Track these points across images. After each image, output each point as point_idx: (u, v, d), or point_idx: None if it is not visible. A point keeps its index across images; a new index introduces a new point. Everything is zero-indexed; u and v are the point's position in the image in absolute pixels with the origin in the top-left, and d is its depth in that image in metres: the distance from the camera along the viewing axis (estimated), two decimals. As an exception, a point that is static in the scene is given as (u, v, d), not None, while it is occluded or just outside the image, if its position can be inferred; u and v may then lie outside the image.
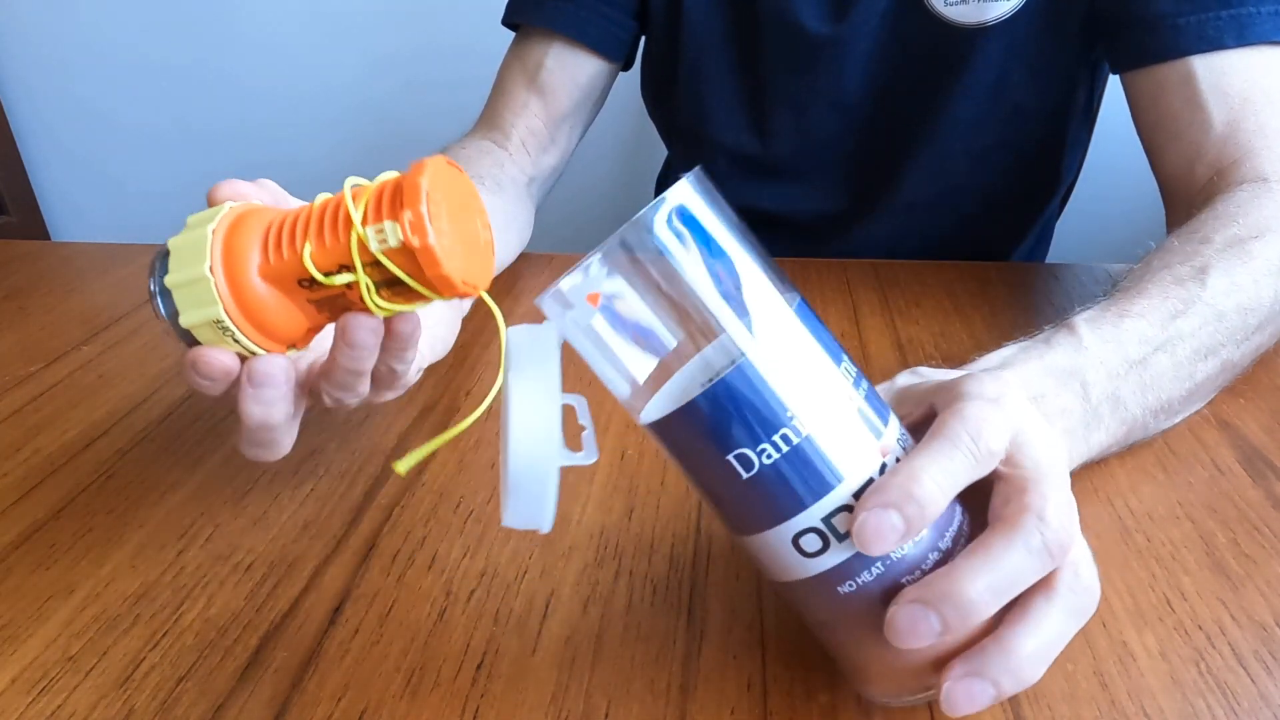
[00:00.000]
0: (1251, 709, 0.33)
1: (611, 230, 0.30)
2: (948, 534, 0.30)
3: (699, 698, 0.34)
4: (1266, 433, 0.48)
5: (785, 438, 0.28)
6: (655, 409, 0.29)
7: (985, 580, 0.28)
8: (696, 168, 0.29)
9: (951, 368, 0.38)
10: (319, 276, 0.32)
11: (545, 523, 0.29)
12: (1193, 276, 0.46)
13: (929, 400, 0.33)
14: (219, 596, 0.39)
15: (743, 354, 0.28)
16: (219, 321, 0.33)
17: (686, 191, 0.28)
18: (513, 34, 0.80)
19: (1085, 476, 0.45)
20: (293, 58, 1.49)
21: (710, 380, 0.28)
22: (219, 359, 0.34)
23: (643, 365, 0.29)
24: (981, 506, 0.31)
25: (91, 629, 0.38)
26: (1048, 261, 0.88)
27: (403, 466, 0.31)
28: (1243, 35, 0.58)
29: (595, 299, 0.28)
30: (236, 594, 0.39)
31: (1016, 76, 0.71)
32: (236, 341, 0.34)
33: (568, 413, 0.30)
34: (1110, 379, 0.41)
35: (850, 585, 0.29)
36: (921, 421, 0.33)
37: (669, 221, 0.28)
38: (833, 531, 0.29)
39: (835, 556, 0.29)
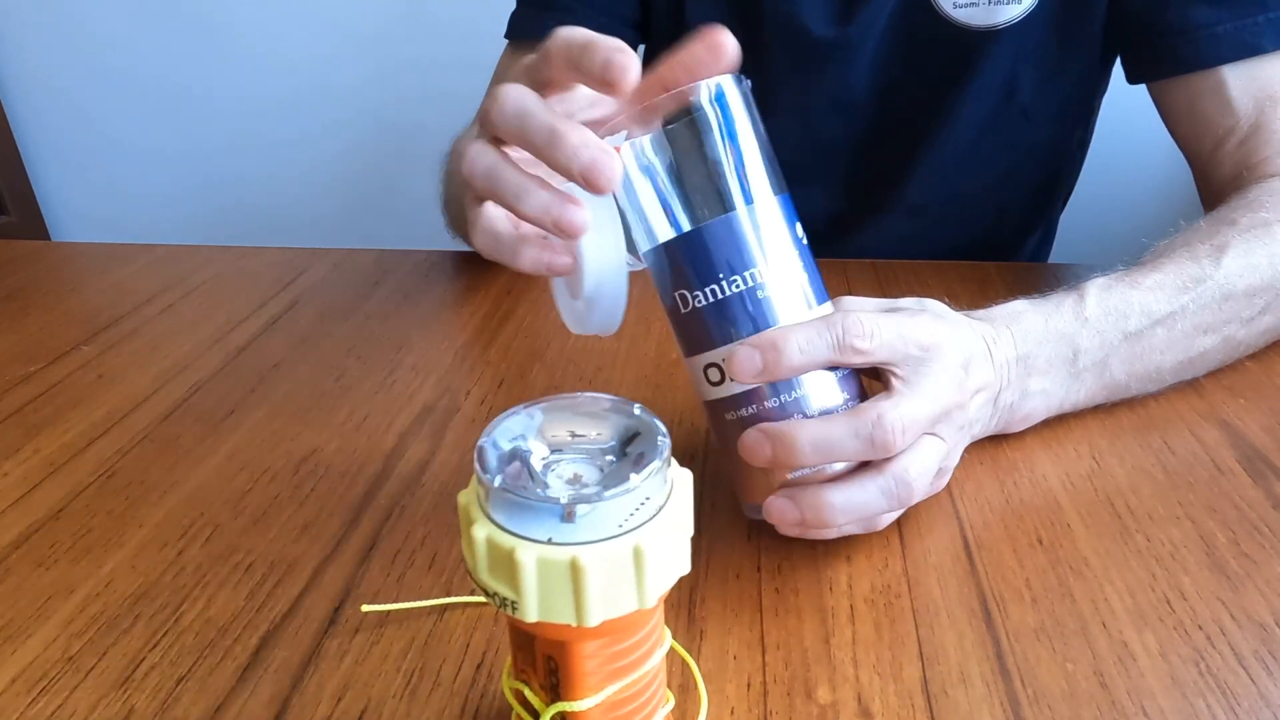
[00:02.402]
0: (1251, 709, 0.33)
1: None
2: (820, 410, 0.37)
3: (700, 698, 0.34)
4: (1266, 433, 0.48)
5: (741, 280, 0.36)
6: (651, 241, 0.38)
7: (812, 436, 0.36)
8: (738, 74, 0.37)
9: None
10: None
11: (616, 325, 0.38)
12: (1209, 255, 0.49)
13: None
14: (219, 596, 0.39)
15: (734, 208, 0.36)
16: None
17: (727, 81, 0.37)
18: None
19: (1086, 476, 0.45)
20: (292, 61, 1.49)
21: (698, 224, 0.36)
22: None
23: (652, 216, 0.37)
24: None
25: (91, 629, 0.38)
26: (1049, 261, 0.88)
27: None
28: None
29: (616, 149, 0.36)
30: (236, 594, 0.39)
31: (1025, 80, 0.71)
32: None
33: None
34: (1102, 348, 0.46)
35: (732, 415, 0.38)
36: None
37: (710, 97, 0.37)
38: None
39: (726, 390, 0.38)
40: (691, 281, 0.37)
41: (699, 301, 0.37)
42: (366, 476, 0.47)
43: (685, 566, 0.26)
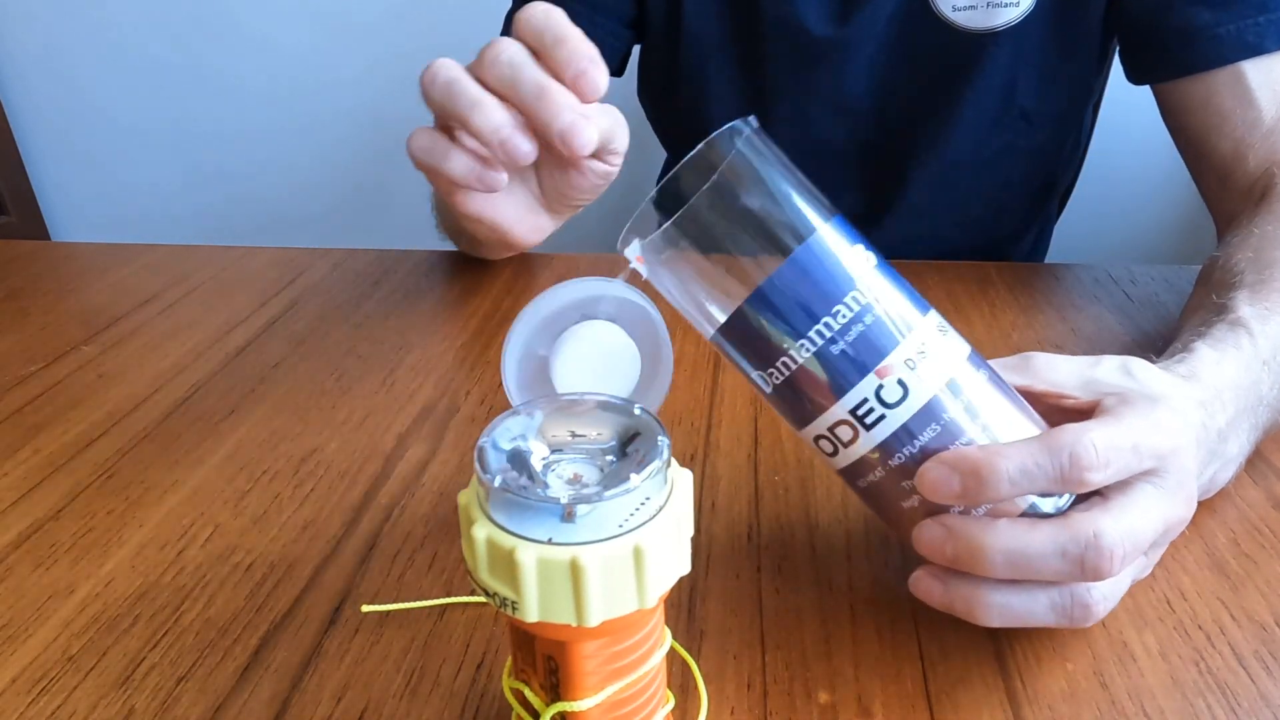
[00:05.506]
0: (1251, 709, 0.33)
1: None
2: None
3: (700, 698, 0.34)
4: (1266, 433, 0.48)
5: (859, 296, 0.31)
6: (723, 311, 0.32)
7: (1006, 545, 0.30)
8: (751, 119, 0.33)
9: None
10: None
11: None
12: None
13: (1093, 389, 0.35)
14: (219, 596, 0.39)
15: (813, 230, 0.32)
16: None
17: (737, 126, 0.32)
18: None
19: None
20: (291, 57, 1.49)
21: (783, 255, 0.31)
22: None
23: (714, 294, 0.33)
24: None
25: (91, 629, 0.38)
26: (1047, 261, 0.88)
27: None
28: None
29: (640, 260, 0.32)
30: (236, 594, 0.39)
31: (1024, 82, 0.71)
32: None
33: None
34: (1274, 388, 0.41)
35: (864, 482, 0.33)
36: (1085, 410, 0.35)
37: (746, 134, 0.32)
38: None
39: (845, 460, 0.33)
40: (785, 335, 0.31)
41: (804, 353, 0.31)
42: (366, 476, 0.47)
43: (685, 566, 0.26)
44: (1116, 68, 0.73)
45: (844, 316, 0.31)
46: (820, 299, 0.31)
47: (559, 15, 0.37)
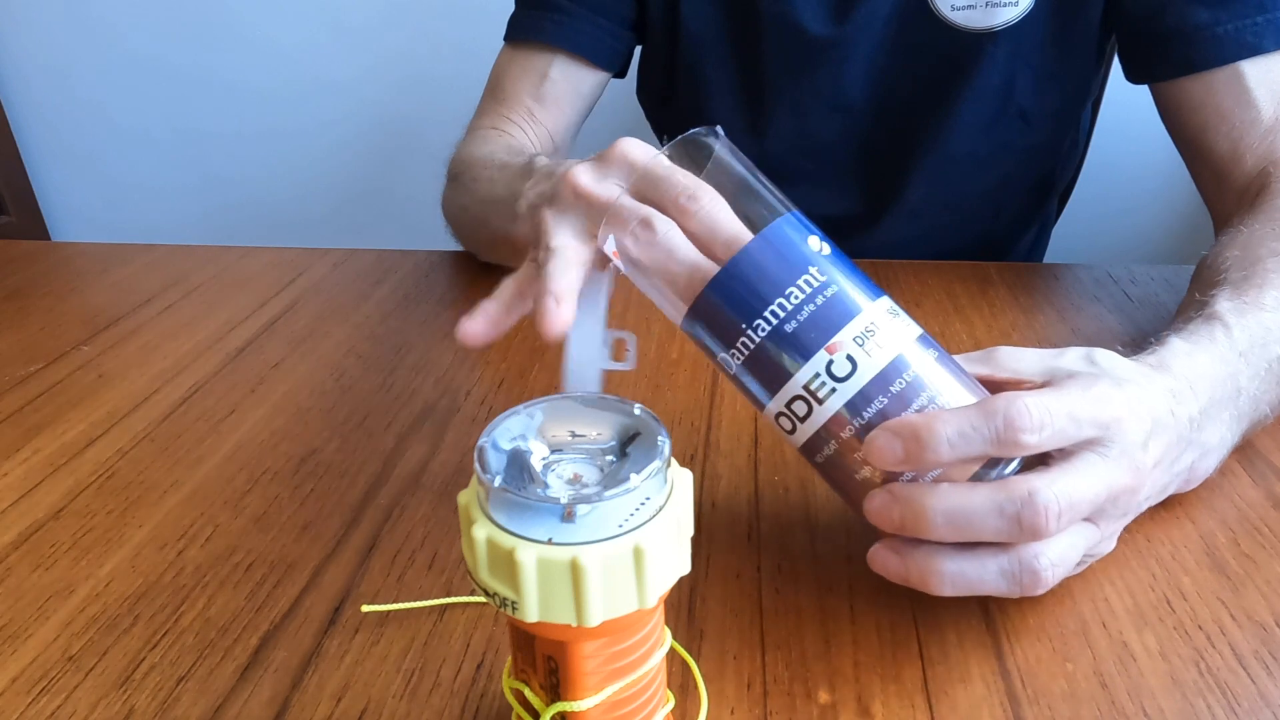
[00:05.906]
0: (1251, 709, 0.33)
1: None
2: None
3: (700, 698, 0.34)
4: (1266, 433, 0.48)
5: (810, 280, 0.33)
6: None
7: (947, 506, 0.32)
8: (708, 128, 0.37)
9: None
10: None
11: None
12: None
13: (1052, 375, 0.36)
14: (219, 596, 0.39)
15: (770, 221, 0.34)
16: None
17: (702, 131, 0.36)
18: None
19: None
20: (292, 58, 1.49)
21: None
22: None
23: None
24: None
25: (91, 629, 0.38)
26: (1047, 261, 0.88)
27: None
28: None
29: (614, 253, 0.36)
30: (236, 594, 0.39)
31: (1023, 82, 0.71)
32: None
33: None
34: (1254, 380, 0.42)
35: (820, 457, 0.35)
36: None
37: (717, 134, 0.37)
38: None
39: (802, 436, 0.35)
40: (744, 315, 0.34)
41: (761, 332, 0.34)
42: (366, 476, 0.47)
43: (685, 566, 0.26)
44: (1116, 68, 0.73)
45: (796, 297, 0.33)
46: (775, 281, 0.34)
47: (742, 231, 0.36)
